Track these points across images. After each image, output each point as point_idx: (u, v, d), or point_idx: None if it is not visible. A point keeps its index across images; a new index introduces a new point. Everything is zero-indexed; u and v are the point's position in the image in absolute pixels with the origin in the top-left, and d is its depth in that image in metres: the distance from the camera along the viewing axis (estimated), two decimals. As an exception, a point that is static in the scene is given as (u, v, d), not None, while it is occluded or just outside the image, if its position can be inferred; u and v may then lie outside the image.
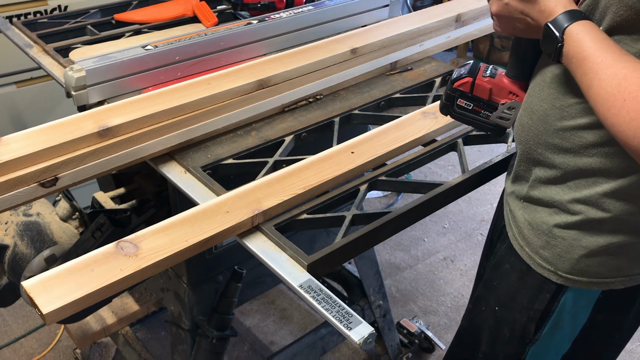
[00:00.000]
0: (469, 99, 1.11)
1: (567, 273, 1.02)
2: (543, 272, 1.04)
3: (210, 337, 1.52)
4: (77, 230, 1.36)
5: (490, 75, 1.10)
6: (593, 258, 0.99)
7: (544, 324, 1.08)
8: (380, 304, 1.97)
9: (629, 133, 0.77)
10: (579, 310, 1.05)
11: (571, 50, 0.86)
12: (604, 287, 1.01)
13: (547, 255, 1.03)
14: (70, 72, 1.29)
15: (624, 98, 0.77)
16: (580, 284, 1.02)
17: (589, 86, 0.83)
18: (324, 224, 1.12)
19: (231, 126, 1.31)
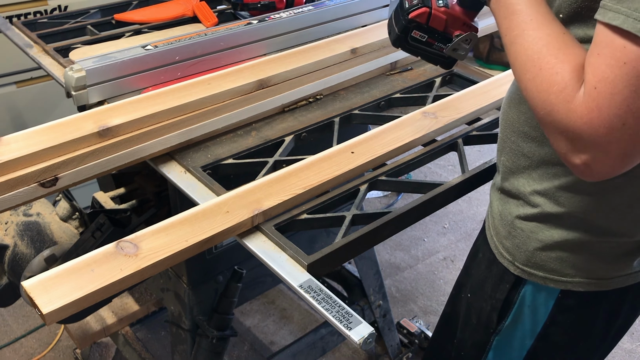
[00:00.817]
0: (424, 30, 1.05)
1: (523, 265, 1.02)
2: (503, 262, 1.05)
3: (210, 337, 1.52)
4: (77, 230, 1.36)
5: (444, 4, 1.04)
6: (548, 253, 0.99)
7: (506, 315, 1.08)
8: (380, 304, 1.98)
9: (537, 102, 0.78)
10: (537, 306, 1.04)
11: (501, 2, 0.85)
12: (561, 286, 1.00)
13: (508, 246, 1.04)
14: (70, 72, 1.29)
15: (541, 67, 0.77)
16: (536, 278, 1.01)
17: (512, 42, 0.83)
18: (324, 224, 1.12)
19: (231, 126, 1.31)
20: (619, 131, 0.70)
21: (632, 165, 0.75)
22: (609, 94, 0.70)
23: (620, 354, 2.30)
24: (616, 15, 0.69)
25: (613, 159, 0.73)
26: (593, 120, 0.71)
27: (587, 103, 0.72)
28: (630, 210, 0.93)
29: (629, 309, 1.07)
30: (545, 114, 0.77)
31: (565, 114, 0.74)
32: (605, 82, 0.70)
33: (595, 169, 0.75)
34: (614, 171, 0.75)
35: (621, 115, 0.70)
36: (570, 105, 0.73)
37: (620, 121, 0.70)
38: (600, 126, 0.71)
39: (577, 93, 0.73)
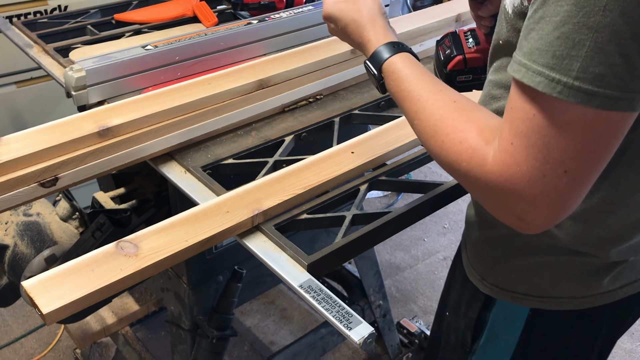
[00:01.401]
0: (466, 72, 1.10)
1: (491, 284, 1.01)
2: (474, 281, 1.04)
3: (210, 337, 1.52)
4: (77, 230, 1.36)
5: (475, 43, 1.08)
6: (516, 273, 0.97)
7: (480, 335, 1.07)
8: (380, 304, 1.97)
9: (452, 172, 0.80)
10: (509, 324, 1.03)
11: (392, 86, 0.89)
12: (530, 305, 0.98)
13: (477, 265, 1.03)
14: (70, 72, 1.29)
15: (442, 139, 0.79)
16: (505, 297, 1.00)
17: (412, 121, 0.85)
18: (324, 224, 1.12)
19: (231, 126, 1.31)
20: (541, 183, 0.69)
21: (567, 214, 0.73)
22: (525, 147, 0.69)
23: (620, 354, 2.30)
24: (518, 68, 0.68)
25: (544, 211, 0.71)
26: (513, 176, 0.70)
27: (504, 160, 0.71)
28: (592, 231, 0.90)
29: (608, 328, 1.04)
30: (464, 182, 0.78)
31: (484, 177, 0.73)
32: (519, 136, 0.69)
33: (530, 223, 0.74)
34: (549, 222, 0.74)
35: (539, 167, 0.68)
36: (486, 168, 0.73)
37: (540, 173, 0.69)
38: (521, 180, 0.70)
39: (489, 154, 0.73)
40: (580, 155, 0.68)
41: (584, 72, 0.63)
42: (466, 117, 0.78)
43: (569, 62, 0.64)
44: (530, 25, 0.68)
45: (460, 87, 1.12)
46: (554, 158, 0.68)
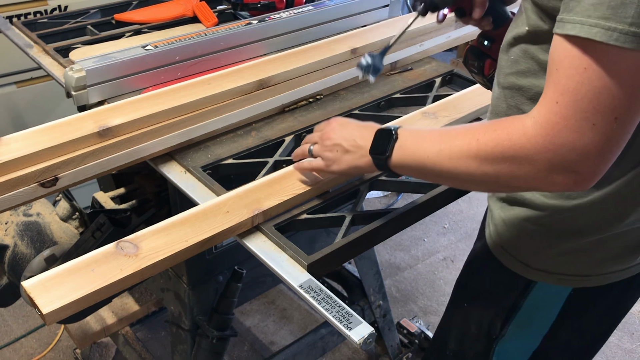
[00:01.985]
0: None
1: (538, 269, 1.01)
2: (514, 268, 1.04)
3: (210, 337, 1.52)
4: (77, 230, 1.36)
5: (491, 42, 1.12)
6: (564, 255, 0.99)
7: (510, 320, 1.07)
8: (380, 304, 1.97)
9: (494, 166, 0.82)
10: (548, 307, 1.05)
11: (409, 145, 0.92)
12: (575, 285, 1.01)
13: (519, 251, 1.03)
14: (70, 72, 1.29)
15: (477, 138, 0.82)
16: (551, 280, 1.01)
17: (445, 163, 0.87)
18: (324, 224, 1.12)
19: (231, 126, 1.31)
20: (591, 132, 0.73)
21: (615, 157, 0.76)
22: (573, 102, 0.72)
23: (620, 354, 2.30)
24: (572, 26, 0.71)
25: (595, 158, 0.75)
26: (561, 131, 0.74)
27: (548, 119, 0.74)
28: (635, 203, 0.94)
29: (632, 295, 1.09)
30: (516, 167, 0.79)
31: (528, 144, 0.77)
32: (567, 93, 0.73)
33: (585, 174, 0.76)
34: (602, 169, 0.77)
35: (589, 118, 0.72)
36: (529, 134, 0.77)
37: (590, 123, 0.72)
38: (570, 133, 0.73)
39: (527, 123, 0.77)
40: (630, 100, 0.71)
41: (638, 17, 0.67)
42: (492, 122, 0.83)
43: (623, 10, 0.67)
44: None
45: None
46: (605, 106, 0.71)
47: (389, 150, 0.93)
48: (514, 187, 0.86)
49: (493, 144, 0.80)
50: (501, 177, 0.82)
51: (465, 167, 0.84)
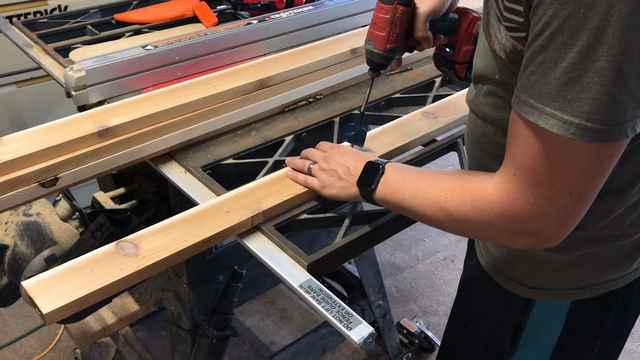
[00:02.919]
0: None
1: (532, 287, 1.01)
2: (510, 288, 1.03)
3: (210, 337, 1.52)
4: (77, 230, 1.36)
5: (452, 51, 1.15)
6: (557, 271, 0.98)
7: (518, 337, 1.07)
8: (380, 304, 1.97)
9: (457, 222, 0.86)
10: (551, 321, 1.04)
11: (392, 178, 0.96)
12: (573, 298, 1.00)
13: (512, 271, 1.02)
14: (70, 72, 1.29)
15: (446, 193, 0.87)
16: (548, 297, 1.01)
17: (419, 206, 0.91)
18: (324, 224, 1.12)
19: (231, 126, 1.31)
20: (547, 204, 0.75)
21: (575, 224, 0.79)
22: (528, 177, 0.75)
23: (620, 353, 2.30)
24: (530, 111, 0.72)
25: (552, 227, 0.78)
26: (518, 201, 0.77)
27: (506, 189, 0.78)
28: (623, 214, 0.93)
29: (638, 300, 1.08)
30: (477, 224, 0.83)
31: (489, 208, 0.80)
32: (522, 169, 0.76)
33: (544, 237, 0.79)
34: (561, 235, 0.80)
35: (544, 193, 0.75)
36: (489, 199, 0.80)
37: (545, 197, 0.75)
38: (526, 204, 0.76)
39: (488, 187, 0.80)
40: (585, 178, 0.73)
41: (595, 113, 0.68)
42: (460, 177, 0.87)
43: (579, 105, 0.68)
44: (531, 68, 0.71)
45: None
46: (559, 184, 0.74)
47: (374, 184, 0.97)
48: (481, 238, 0.91)
49: (458, 202, 0.84)
50: (467, 231, 0.87)
51: (435, 216, 0.88)
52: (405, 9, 1.04)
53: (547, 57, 0.69)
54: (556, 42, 0.67)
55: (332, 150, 1.10)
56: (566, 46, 0.67)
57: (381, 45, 1.08)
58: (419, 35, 1.09)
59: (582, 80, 0.67)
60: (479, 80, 0.93)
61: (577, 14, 0.65)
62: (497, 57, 0.84)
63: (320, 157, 1.10)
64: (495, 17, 0.81)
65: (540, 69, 0.70)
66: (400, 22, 1.05)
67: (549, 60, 0.69)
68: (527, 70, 0.72)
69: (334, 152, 1.09)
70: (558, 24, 0.67)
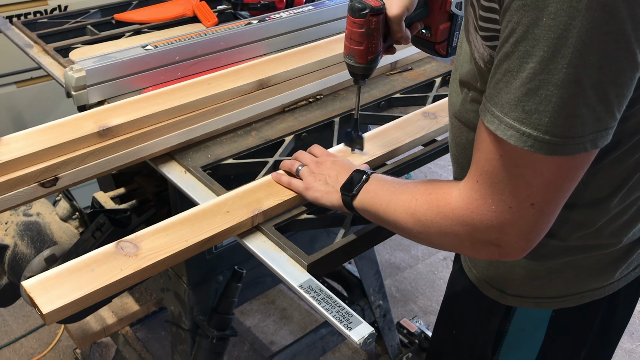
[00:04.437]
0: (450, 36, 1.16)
1: (513, 295, 1.00)
2: (490, 295, 1.02)
3: (210, 337, 1.52)
4: (77, 230, 1.36)
5: (429, 31, 1.14)
6: (536, 279, 0.97)
7: (500, 345, 1.06)
8: (380, 304, 1.97)
9: (425, 228, 0.85)
10: (532, 330, 1.03)
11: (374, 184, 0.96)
12: (554, 306, 0.99)
13: (492, 278, 1.01)
14: (70, 72, 1.29)
15: (417, 198, 0.86)
16: (528, 304, 1.00)
17: (392, 215, 0.91)
18: (324, 224, 1.12)
19: (231, 126, 1.31)
20: (508, 213, 0.74)
21: (539, 238, 0.78)
22: (490, 184, 0.74)
23: (620, 354, 2.30)
24: (491, 119, 0.71)
25: (514, 237, 0.76)
26: (480, 208, 0.76)
27: (469, 195, 0.77)
28: (603, 225, 0.91)
29: (623, 308, 1.06)
30: (441, 232, 0.82)
31: (452, 214, 0.80)
32: (485, 175, 0.75)
33: (507, 248, 0.78)
34: (524, 248, 0.78)
35: (505, 201, 0.74)
36: (452, 205, 0.79)
37: (506, 205, 0.74)
38: (488, 211, 0.75)
39: (452, 193, 0.80)
40: (546, 191, 0.72)
41: (553, 126, 0.67)
42: (432, 183, 0.87)
43: (537, 117, 0.67)
44: (497, 76, 0.70)
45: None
46: (520, 193, 0.73)
47: (355, 190, 0.97)
48: (446, 249, 0.90)
49: (425, 207, 0.84)
50: (432, 239, 0.86)
51: (404, 223, 0.88)
52: (378, 17, 1.02)
53: (511, 65, 0.68)
54: (519, 50, 0.66)
55: (326, 157, 1.11)
56: (528, 55, 0.66)
57: (362, 59, 1.06)
58: (397, 37, 1.07)
59: (541, 92, 0.66)
60: (465, 85, 0.92)
61: (540, 23, 0.64)
62: (477, 66, 0.84)
63: (312, 160, 1.11)
64: (472, 26, 0.80)
65: (505, 77, 0.69)
66: (377, 32, 1.03)
67: (512, 68, 0.68)
68: (494, 78, 0.71)
69: (327, 160, 1.09)
70: (522, 31, 0.65)
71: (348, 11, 1.02)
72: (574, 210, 0.88)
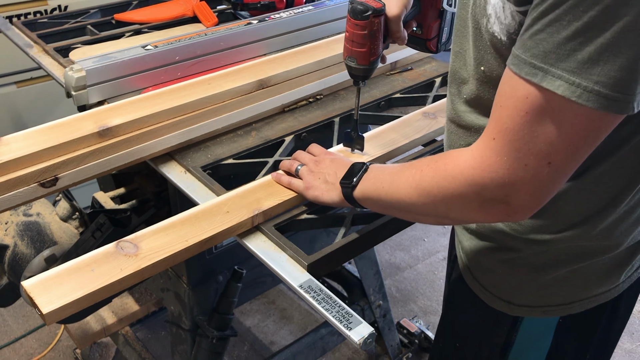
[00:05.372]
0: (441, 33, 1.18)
1: (521, 305, 0.99)
2: (497, 306, 1.00)
3: (210, 337, 1.52)
4: (77, 230, 1.36)
5: (420, 29, 1.15)
6: (545, 288, 0.96)
7: (506, 355, 1.05)
8: (380, 304, 1.97)
9: (432, 196, 0.84)
10: (540, 338, 1.02)
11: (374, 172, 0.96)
12: (561, 313, 0.98)
13: (499, 290, 1.00)
14: (70, 72, 1.29)
15: (422, 169, 0.86)
16: (536, 314, 0.99)
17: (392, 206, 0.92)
18: (324, 224, 1.12)
19: (231, 126, 1.31)
20: (522, 171, 0.72)
21: (549, 198, 0.77)
22: (509, 141, 0.72)
23: (620, 354, 2.30)
24: (533, 72, 0.68)
25: (524, 195, 0.75)
26: (492, 166, 0.74)
27: (482, 153, 0.75)
28: (616, 228, 0.91)
29: (624, 309, 1.06)
30: (449, 197, 0.81)
31: (460, 176, 0.78)
32: (505, 132, 0.72)
33: (516, 207, 0.76)
34: (533, 206, 0.77)
35: (521, 158, 0.72)
36: (462, 165, 0.78)
37: (522, 163, 0.72)
38: (500, 168, 0.73)
39: (462, 155, 0.78)
40: (567, 149, 0.70)
41: (605, 77, 0.64)
42: (440, 154, 0.86)
43: (590, 67, 0.64)
44: (537, 27, 0.67)
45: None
46: (540, 151, 0.70)
47: (355, 180, 0.97)
48: (452, 219, 0.88)
49: (432, 174, 0.82)
50: (439, 207, 0.84)
51: (408, 198, 0.86)
52: (380, 18, 1.02)
53: (560, 14, 0.64)
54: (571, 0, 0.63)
55: (324, 156, 1.11)
56: (585, 4, 0.62)
57: (365, 61, 1.06)
58: (395, 37, 1.07)
59: (598, 40, 0.63)
60: (457, 81, 0.91)
61: None
62: (493, 41, 0.80)
63: (310, 159, 1.11)
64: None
65: (550, 28, 0.65)
66: (378, 33, 1.03)
67: (561, 18, 0.64)
68: (531, 30, 0.68)
69: (325, 158, 1.09)
70: None
71: (349, 13, 1.02)
72: (588, 197, 0.87)
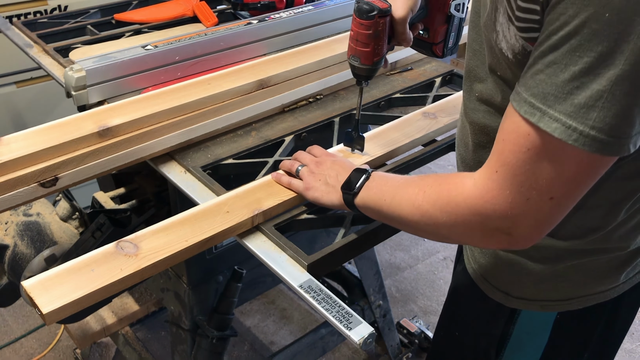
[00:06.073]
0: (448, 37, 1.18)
1: (518, 298, 1.00)
2: (495, 297, 1.02)
3: (210, 337, 1.52)
4: (77, 230, 1.36)
5: (426, 32, 1.14)
6: (543, 282, 0.97)
7: (503, 347, 1.06)
8: (380, 304, 1.97)
9: (434, 219, 0.84)
10: (536, 332, 1.03)
11: (377, 180, 0.96)
12: (558, 309, 0.99)
13: (497, 280, 1.01)
14: (70, 72, 1.29)
15: (424, 190, 0.86)
16: (533, 307, 1.00)
17: (397, 209, 0.90)
18: (324, 224, 1.12)
19: (231, 126, 1.31)
20: (524, 205, 0.74)
21: (550, 228, 0.77)
22: (511, 175, 0.73)
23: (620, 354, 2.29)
24: (531, 111, 0.69)
25: (526, 228, 0.76)
26: (495, 197, 0.75)
27: (485, 185, 0.76)
28: (620, 227, 0.91)
29: (626, 310, 1.06)
30: (452, 221, 0.81)
31: (464, 203, 0.79)
32: (507, 166, 0.73)
33: (517, 237, 0.78)
34: (534, 238, 0.78)
35: (524, 193, 0.73)
36: (465, 194, 0.78)
37: (524, 197, 0.73)
38: (503, 202, 0.75)
39: (466, 182, 0.79)
40: (570, 186, 0.71)
41: (601, 122, 0.65)
42: (442, 176, 0.86)
43: (586, 112, 0.65)
44: (538, 67, 0.68)
45: None
46: (541, 186, 0.72)
47: (357, 188, 0.97)
48: (454, 240, 0.89)
49: (434, 198, 0.83)
50: (441, 230, 0.84)
51: (410, 216, 0.87)
52: (385, 19, 1.02)
53: (558, 57, 0.66)
54: (571, 43, 0.64)
55: (325, 157, 1.10)
56: (582, 49, 0.64)
57: (368, 61, 1.06)
58: (401, 39, 1.07)
59: (594, 87, 0.64)
60: (472, 79, 0.92)
61: (600, 18, 0.62)
62: (502, 55, 0.82)
63: (311, 160, 1.11)
64: (505, 16, 0.78)
65: (549, 69, 0.67)
66: (383, 33, 1.03)
67: (559, 61, 0.66)
68: (533, 69, 0.69)
69: (326, 159, 1.09)
70: (576, 25, 0.63)
71: (355, 12, 1.02)
72: (585, 213, 0.87)
